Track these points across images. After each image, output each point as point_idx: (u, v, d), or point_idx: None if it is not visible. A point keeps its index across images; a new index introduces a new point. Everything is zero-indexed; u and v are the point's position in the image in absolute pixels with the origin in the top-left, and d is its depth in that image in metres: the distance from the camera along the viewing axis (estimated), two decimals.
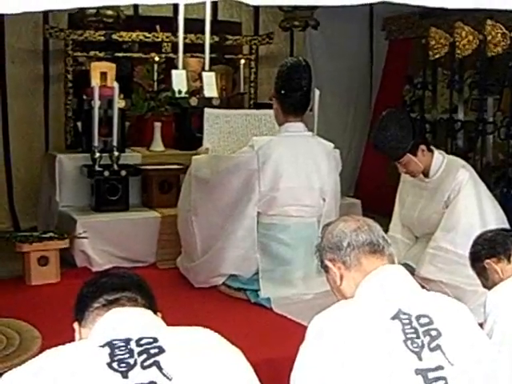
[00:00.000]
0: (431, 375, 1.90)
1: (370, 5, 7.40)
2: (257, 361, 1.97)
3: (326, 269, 2.34)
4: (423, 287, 4.08)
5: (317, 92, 5.59)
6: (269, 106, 5.09)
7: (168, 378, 1.73)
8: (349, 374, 1.89)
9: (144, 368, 1.74)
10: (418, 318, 2.01)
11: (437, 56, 6.43)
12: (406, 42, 7.67)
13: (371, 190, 7.09)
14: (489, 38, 5.84)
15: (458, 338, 2.01)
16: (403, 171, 4.71)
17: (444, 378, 1.91)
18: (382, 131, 4.60)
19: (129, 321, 1.88)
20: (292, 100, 4.82)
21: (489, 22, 5.79)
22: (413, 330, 1.97)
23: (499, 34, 5.79)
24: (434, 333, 1.98)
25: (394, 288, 2.13)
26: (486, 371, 1.99)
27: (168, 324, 1.95)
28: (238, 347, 1.93)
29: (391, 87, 7.75)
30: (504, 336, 2.37)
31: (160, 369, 1.74)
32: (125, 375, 1.71)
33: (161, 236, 5.61)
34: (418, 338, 1.96)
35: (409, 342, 1.94)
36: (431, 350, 1.95)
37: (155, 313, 2.00)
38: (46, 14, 6.45)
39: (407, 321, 1.99)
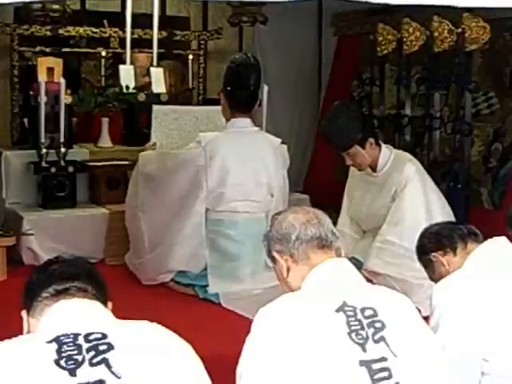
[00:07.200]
0: (375, 366, 1.92)
1: (319, 1, 7.47)
2: (206, 356, 1.96)
3: (273, 260, 2.34)
4: (370, 281, 4.18)
5: (265, 88, 5.60)
6: (217, 102, 5.09)
7: (117, 376, 1.70)
8: (293, 366, 1.90)
9: (92, 365, 1.71)
10: (363, 310, 2.02)
11: (384, 52, 6.45)
12: (354, 38, 7.68)
13: (319, 185, 7.11)
14: (435, 34, 5.87)
15: (401, 330, 2.02)
16: (350, 163, 4.72)
17: (387, 369, 1.92)
18: (332, 120, 4.62)
19: (77, 315, 1.85)
20: (239, 97, 4.83)
21: (435, 18, 5.83)
22: (357, 322, 1.98)
23: (446, 31, 5.83)
24: (378, 325, 1.99)
25: (339, 281, 2.14)
26: (430, 363, 2.01)
27: None
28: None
29: (340, 83, 7.76)
30: (449, 329, 2.39)
31: (109, 367, 1.71)
32: (72, 373, 1.68)
33: (109, 232, 5.57)
34: (363, 329, 1.97)
35: (353, 334, 1.95)
36: (375, 341, 1.96)
37: (106, 302, 1.98)
38: None
39: (352, 313, 2.00)
